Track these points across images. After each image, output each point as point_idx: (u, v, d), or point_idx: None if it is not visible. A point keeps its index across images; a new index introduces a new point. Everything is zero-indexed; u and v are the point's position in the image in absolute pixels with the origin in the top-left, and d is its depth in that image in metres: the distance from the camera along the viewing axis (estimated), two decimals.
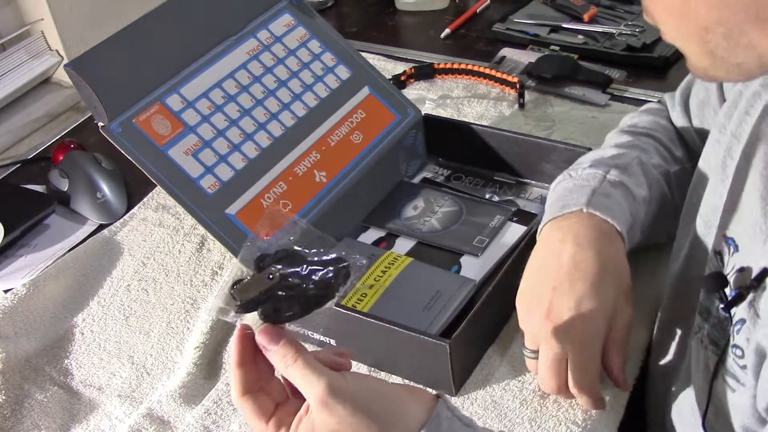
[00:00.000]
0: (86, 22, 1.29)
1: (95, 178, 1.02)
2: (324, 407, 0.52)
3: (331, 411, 0.51)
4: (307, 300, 0.55)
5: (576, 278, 0.66)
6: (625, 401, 0.73)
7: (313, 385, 0.52)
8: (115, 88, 0.81)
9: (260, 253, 0.56)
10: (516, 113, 1.09)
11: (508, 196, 0.93)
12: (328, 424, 0.52)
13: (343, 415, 0.52)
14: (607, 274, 0.67)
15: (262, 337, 0.55)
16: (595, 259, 0.67)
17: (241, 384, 0.56)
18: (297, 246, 0.56)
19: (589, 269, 0.67)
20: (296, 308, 0.55)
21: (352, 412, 0.52)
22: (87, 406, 0.79)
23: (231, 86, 0.88)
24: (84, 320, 0.88)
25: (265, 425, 0.55)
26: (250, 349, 0.55)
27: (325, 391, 0.52)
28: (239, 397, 0.56)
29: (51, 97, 1.29)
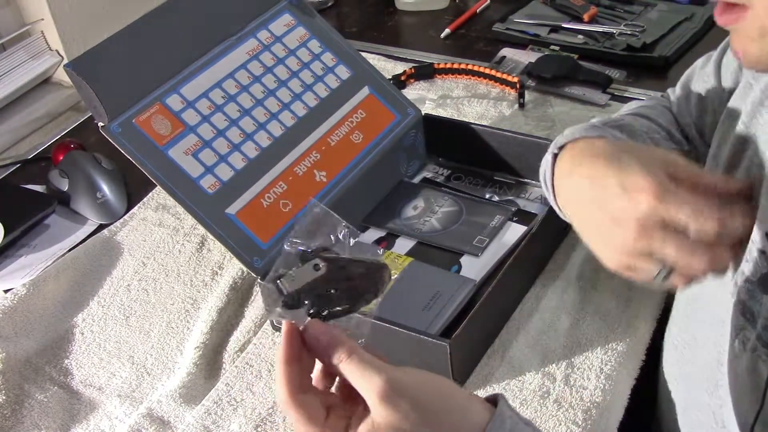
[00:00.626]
0: (86, 22, 1.29)
1: (95, 178, 1.02)
2: (386, 402, 0.48)
3: (394, 406, 0.48)
4: (354, 294, 0.53)
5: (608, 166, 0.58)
6: (625, 401, 0.73)
7: (373, 380, 0.49)
8: (115, 88, 0.81)
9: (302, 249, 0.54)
10: (516, 113, 1.09)
11: (508, 196, 0.93)
12: (392, 420, 0.48)
13: (407, 410, 0.48)
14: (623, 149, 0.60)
15: (313, 331, 0.51)
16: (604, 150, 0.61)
17: (291, 383, 0.51)
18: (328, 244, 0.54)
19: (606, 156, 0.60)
20: (344, 302, 0.53)
21: (415, 407, 0.49)
22: (87, 406, 0.79)
23: (231, 86, 0.88)
24: (84, 320, 0.88)
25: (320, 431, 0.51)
26: (298, 346, 0.51)
27: (386, 385, 0.48)
28: (289, 397, 0.51)
29: (51, 97, 1.29)
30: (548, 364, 0.75)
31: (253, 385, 0.78)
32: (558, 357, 0.76)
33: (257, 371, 0.79)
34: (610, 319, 0.79)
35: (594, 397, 0.72)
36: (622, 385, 0.74)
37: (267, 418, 0.75)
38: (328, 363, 0.51)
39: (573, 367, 0.75)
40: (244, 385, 0.78)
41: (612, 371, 0.74)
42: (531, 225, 0.87)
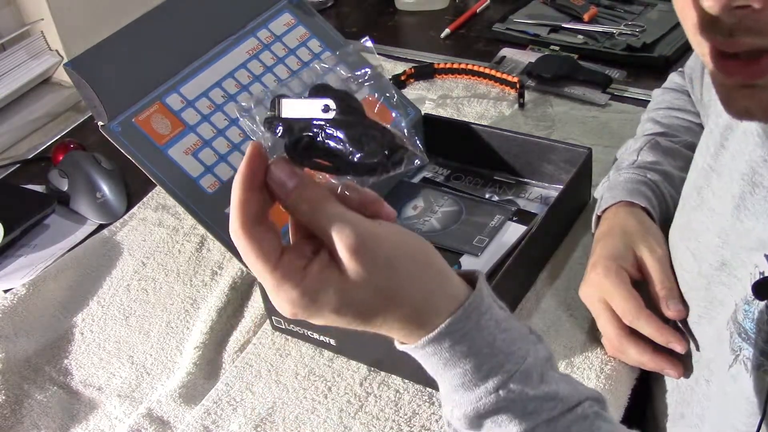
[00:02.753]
0: (86, 22, 1.29)
1: (95, 178, 1.02)
2: (358, 257, 0.44)
3: (368, 262, 0.44)
4: (346, 162, 0.45)
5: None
6: (626, 401, 0.73)
7: (346, 232, 0.44)
8: (114, 88, 0.81)
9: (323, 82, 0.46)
10: (516, 113, 1.09)
11: (508, 195, 0.93)
12: (362, 278, 0.44)
13: (382, 269, 0.44)
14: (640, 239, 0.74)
15: (281, 170, 0.45)
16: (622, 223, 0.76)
17: (246, 211, 0.45)
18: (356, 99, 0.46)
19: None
20: (332, 162, 0.45)
21: (389, 265, 0.45)
22: (87, 406, 0.79)
23: (231, 85, 0.87)
24: (84, 320, 0.88)
25: (272, 269, 0.45)
26: (260, 176, 0.45)
27: (360, 238, 0.44)
28: (240, 228, 0.45)
29: (51, 97, 1.29)
30: None
31: (252, 385, 0.78)
32: (558, 357, 0.76)
33: (257, 371, 0.79)
34: None
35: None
36: (622, 385, 0.74)
37: (266, 418, 0.74)
38: (293, 209, 0.46)
39: (573, 366, 0.75)
40: (243, 385, 0.78)
41: (612, 371, 0.74)
42: (531, 225, 0.87)
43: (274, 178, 0.45)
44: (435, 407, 0.73)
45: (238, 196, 0.45)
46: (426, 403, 0.73)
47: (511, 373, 0.48)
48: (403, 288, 0.46)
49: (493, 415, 0.48)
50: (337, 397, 0.75)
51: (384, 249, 0.45)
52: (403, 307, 0.46)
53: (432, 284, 0.47)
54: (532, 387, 0.49)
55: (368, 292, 0.45)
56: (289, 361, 0.79)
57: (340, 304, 0.45)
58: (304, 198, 0.45)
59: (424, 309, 0.47)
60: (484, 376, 0.48)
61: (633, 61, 1.17)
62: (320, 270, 0.45)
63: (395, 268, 0.46)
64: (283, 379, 0.78)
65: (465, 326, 0.47)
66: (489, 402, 0.48)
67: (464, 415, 0.49)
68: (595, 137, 1.03)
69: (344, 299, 0.45)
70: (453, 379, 0.49)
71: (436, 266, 0.48)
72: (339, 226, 0.44)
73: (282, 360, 0.80)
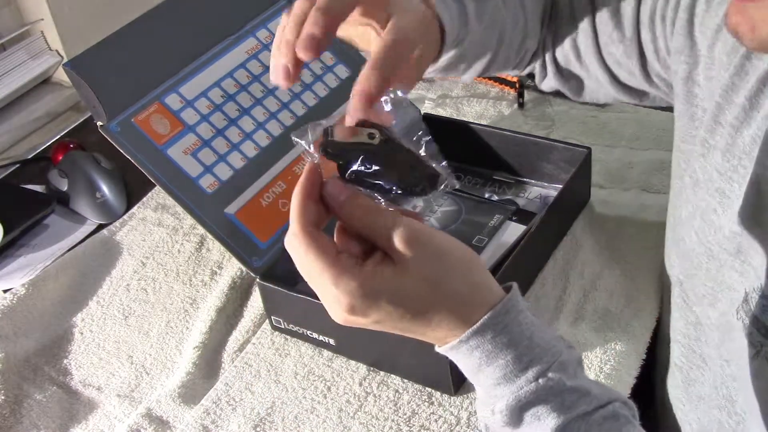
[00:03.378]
0: (86, 22, 1.29)
1: (95, 178, 1.02)
2: (414, 246, 0.48)
3: (422, 252, 0.48)
4: (393, 182, 0.50)
5: None
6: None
7: (399, 228, 0.48)
8: (113, 88, 0.81)
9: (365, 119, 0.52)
10: (515, 113, 1.09)
11: (507, 195, 0.93)
12: (417, 266, 0.48)
13: (434, 261, 0.49)
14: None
15: (335, 185, 0.50)
16: None
17: (304, 217, 0.49)
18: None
19: None
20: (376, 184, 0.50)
21: (440, 260, 0.49)
22: (86, 405, 0.79)
23: (230, 85, 0.87)
24: (83, 320, 0.88)
25: (330, 264, 0.48)
26: (317, 190, 0.50)
27: (413, 232, 0.48)
28: (300, 230, 0.49)
29: (51, 97, 1.29)
30: None
31: (252, 384, 0.78)
32: None
33: (256, 371, 0.79)
34: (610, 318, 0.79)
35: None
36: (622, 384, 0.74)
37: (266, 417, 0.74)
38: (347, 216, 0.50)
39: None
40: (243, 385, 0.78)
41: (612, 371, 0.74)
42: (530, 224, 0.87)
43: (329, 192, 0.50)
44: (434, 407, 0.73)
45: (297, 203, 0.50)
46: (425, 403, 0.74)
47: (549, 363, 0.51)
48: (451, 279, 0.49)
49: (534, 407, 0.51)
50: (337, 396, 0.75)
51: (434, 242, 0.50)
52: (452, 298, 0.50)
53: (476, 278, 0.51)
54: (569, 378, 0.51)
55: (421, 282, 0.49)
56: (289, 360, 0.79)
57: (396, 294, 0.48)
58: (356, 205, 0.50)
59: (469, 301, 0.50)
60: (524, 367, 0.51)
61: None
62: (375, 264, 0.49)
63: (445, 261, 0.49)
64: (282, 379, 0.78)
65: (505, 319, 0.51)
66: (530, 390, 0.50)
67: (507, 406, 0.51)
68: (595, 137, 1.03)
69: (400, 290, 0.48)
70: (495, 372, 0.51)
71: (480, 265, 0.52)
72: (393, 222, 0.49)
73: (281, 360, 0.80)
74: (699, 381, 0.70)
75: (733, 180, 0.63)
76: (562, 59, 0.82)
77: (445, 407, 0.73)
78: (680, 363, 0.72)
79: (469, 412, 0.72)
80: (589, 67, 0.80)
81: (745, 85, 0.62)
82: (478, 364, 0.51)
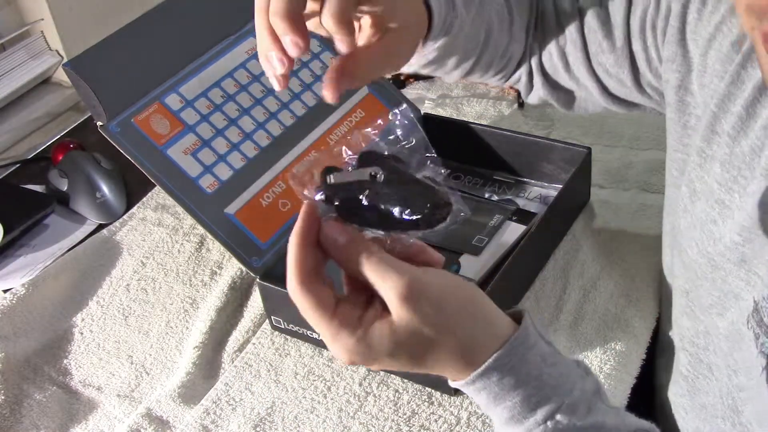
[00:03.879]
0: (86, 22, 1.29)
1: (95, 178, 1.02)
2: (407, 303, 0.47)
3: (416, 308, 0.47)
4: (392, 218, 0.49)
5: None
6: (625, 401, 0.73)
7: (394, 280, 0.47)
8: (113, 88, 0.81)
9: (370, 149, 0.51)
10: (515, 112, 1.09)
11: (507, 195, 0.93)
12: (411, 323, 0.47)
13: (429, 313, 0.47)
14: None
15: (333, 228, 0.49)
16: None
17: (303, 267, 0.48)
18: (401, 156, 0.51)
19: None
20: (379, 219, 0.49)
21: (438, 311, 0.48)
22: (86, 405, 0.79)
23: (230, 85, 0.87)
24: (83, 320, 0.88)
25: (329, 319, 0.48)
26: (314, 234, 0.49)
27: (408, 286, 0.47)
28: (298, 285, 0.48)
29: (51, 97, 1.29)
30: None
31: (251, 384, 0.78)
32: None
33: (256, 371, 0.79)
34: (610, 319, 0.79)
35: None
36: (622, 385, 0.74)
37: (266, 417, 0.74)
38: (345, 263, 0.49)
39: None
40: (242, 385, 0.78)
41: (612, 371, 0.74)
42: (530, 224, 0.87)
43: (327, 235, 0.49)
44: (434, 407, 0.73)
45: (294, 254, 0.49)
46: (425, 403, 0.74)
47: (558, 405, 0.50)
48: (449, 330, 0.49)
49: None
50: (337, 396, 0.75)
51: (431, 293, 0.48)
52: (451, 347, 0.49)
53: (478, 325, 0.50)
54: (579, 418, 0.50)
55: (418, 335, 0.48)
56: (289, 360, 0.79)
57: (393, 349, 0.48)
58: (354, 251, 0.49)
59: (471, 348, 0.50)
60: (532, 409, 0.50)
61: None
62: (374, 318, 0.49)
63: (442, 311, 0.49)
64: (282, 379, 0.78)
65: (511, 361, 0.50)
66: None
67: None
68: (595, 137, 1.03)
69: (397, 344, 0.48)
70: (503, 413, 0.51)
71: (482, 308, 0.51)
72: (388, 275, 0.48)
73: (281, 360, 0.80)
74: (704, 390, 0.70)
75: (733, 191, 0.63)
76: (550, 69, 0.81)
77: (445, 407, 0.73)
78: (686, 372, 0.72)
79: (469, 412, 0.72)
80: (578, 78, 0.79)
81: (741, 93, 0.62)
82: (487, 404, 0.51)
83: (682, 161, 0.70)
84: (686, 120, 0.69)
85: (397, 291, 0.47)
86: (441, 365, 0.50)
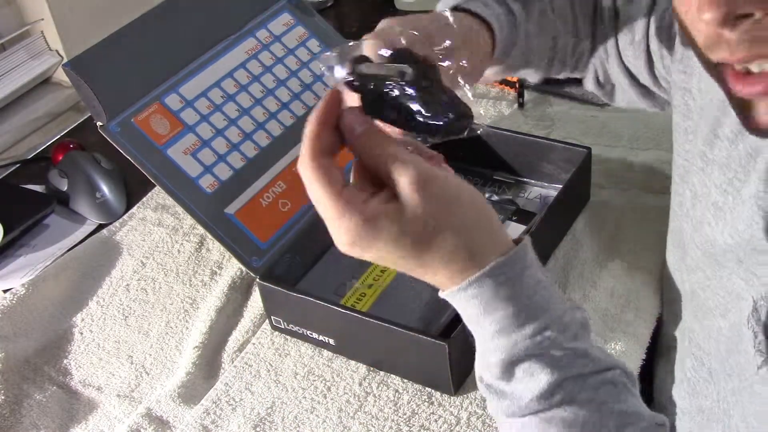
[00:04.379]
0: (86, 22, 1.29)
1: (94, 178, 1.02)
2: (420, 189, 0.47)
3: (428, 195, 0.47)
4: (412, 119, 0.49)
5: None
6: None
7: (410, 168, 0.47)
8: (113, 88, 0.81)
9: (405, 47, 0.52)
10: (515, 112, 1.09)
11: (507, 195, 0.93)
12: (421, 209, 0.47)
13: (440, 205, 0.48)
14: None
15: (353, 115, 0.49)
16: None
17: (317, 145, 0.48)
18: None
19: None
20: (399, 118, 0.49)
21: (448, 205, 0.48)
22: (86, 405, 0.79)
23: (230, 85, 0.88)
24: (83, 320, 0.88)
25: (336, 197, 0.48)
26: (334, 117, 0.49)
27: (424, 173, 0.47)
28: (310, 159, 0.48)
29: (51, 97, 1.29)
30: None
31: (251, 384, 0.78)
32: None
33: (256, 371, 0.79)
34: (610, 319, 0.79)
35: None
36: None
37: (266, 417, 0.74)
38: (360, 149, 0.49)
39: None
40: (242, 385, 0.78)
41: None
42: (530, 224, 0.87)
43: (346, 122, 0.49)
44: (434, 407, 0.73)
45: (311, 129, 0.49)
46: (425, 403, 0.74)
47: (546, 323, 0.50)
48: (455, 227, 0.49)
49: (526, 361, 0.50)
50: (336, 396, 0.75)
51: (444, 187, 0.49)
52: (454, 243, 0.49)
53: (483, 231, 0.50)
54: (566, 340, 0.50)
55: (425, 223, 0.48)
56: (289, 360, 0.79)
57: (398, 232, 0.48)
58: (371, 140, 0.49)
59: (472, 250, 0.49)
60: (521, 323, 0.50)
61: None
62: (381, 202, 0.48)
63: (452, 207, 0.49)
64: (282, 379, 0.78)
65: (508, 272, 0.50)
66: (523, 347, 0.50)
67: (500, 360, 0.51)
68: (595, 137, 1.03)
69: (402, 227, 0.48)
70: (491, 325, 0.50)
71: (488, 217, 0.51)
72: (402, 162, 0.48)
73: (281, 360, 0.80)
74: (703, 394, 0.70)
75: (727, 193, 0.63)
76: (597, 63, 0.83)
77: (445, 407, 0.73)
78: (690, 375, 0.72)
79: (469, 412, 0.72)
80: (611, 72, 0.82)
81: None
82: (477, 313, 0.51)
83: (683, 167, 0.71)
84: (687, 125, 0.70)
85: (411, 177, 0.47)
86: (438, 264, 0.49)
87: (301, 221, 0.84)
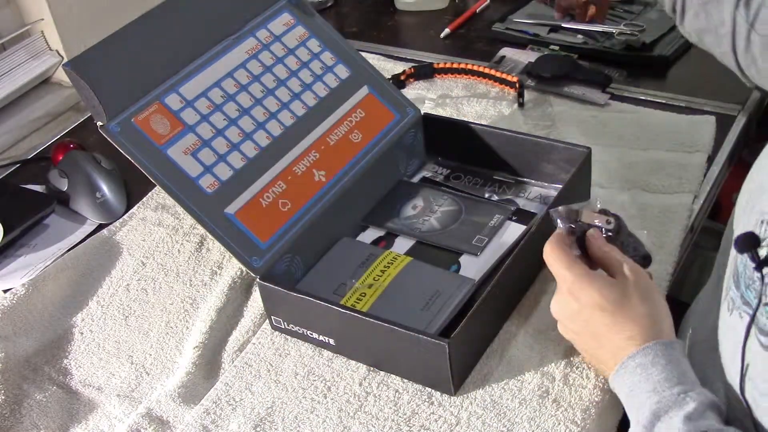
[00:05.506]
0: (86, 22, 1.29)
1: (95, 178, 1.02)
2: (632, 272, 0.68)
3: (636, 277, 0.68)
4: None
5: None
6: None
7: (628, 261, 0.70)
8: (113, 88, 0.81)
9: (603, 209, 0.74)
10: (515, 112, 1.09)
11: (507, 195, 0.93)
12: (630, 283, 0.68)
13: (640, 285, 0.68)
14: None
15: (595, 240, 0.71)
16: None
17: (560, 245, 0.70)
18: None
19: None
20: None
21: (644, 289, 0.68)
22: (86, 405, 0.79)
23: (230, 85, 0.88)
24: (83, 320, 0.88)
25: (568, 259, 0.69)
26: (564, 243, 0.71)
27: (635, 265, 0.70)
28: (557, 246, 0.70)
29: (51, 97, 1.29)
30: (547, 364, 0.75)
31: (252, 384, 0.78)
32: (557, 357, 0.76)
33: (256, 371, 0.79)
34: None
35: (593, 396, 0.72)
36: None
37: (266, 417, 0.75)
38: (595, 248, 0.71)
39: (572, 366, 0.75)
40: (243, 385, 0.78)
41: None
42: (530, 224, 0.87)
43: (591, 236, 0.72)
44: (434, 407, 0.73)
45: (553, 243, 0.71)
46: (425, 403, 0.74)
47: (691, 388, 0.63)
48: (648, 301, 0.68)
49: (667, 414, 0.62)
50: (337, 396, 0.75)
51: (645, 279, 0.70)
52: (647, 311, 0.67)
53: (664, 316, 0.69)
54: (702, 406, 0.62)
55: (629, 291, 0.68)
56: (289, 360, 0.79)
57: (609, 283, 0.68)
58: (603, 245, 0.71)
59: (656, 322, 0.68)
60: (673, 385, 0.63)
61: (632, 60, 1.17)
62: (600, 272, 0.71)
63: (651, 293, 0.69)
64: (282, 379, 0.78)
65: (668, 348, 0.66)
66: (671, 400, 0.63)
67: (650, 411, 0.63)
68: (595, 137, 1.03)
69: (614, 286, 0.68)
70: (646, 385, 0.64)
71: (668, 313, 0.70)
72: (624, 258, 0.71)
73: (281, 360, 0.80)
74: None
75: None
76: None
77: (445, 407, 0.73)
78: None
79: (469, 412, 0.72)
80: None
81: None
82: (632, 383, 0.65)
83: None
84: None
85: (628, 264, 0.69)
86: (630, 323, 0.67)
87: (301, 221, 0.84)
